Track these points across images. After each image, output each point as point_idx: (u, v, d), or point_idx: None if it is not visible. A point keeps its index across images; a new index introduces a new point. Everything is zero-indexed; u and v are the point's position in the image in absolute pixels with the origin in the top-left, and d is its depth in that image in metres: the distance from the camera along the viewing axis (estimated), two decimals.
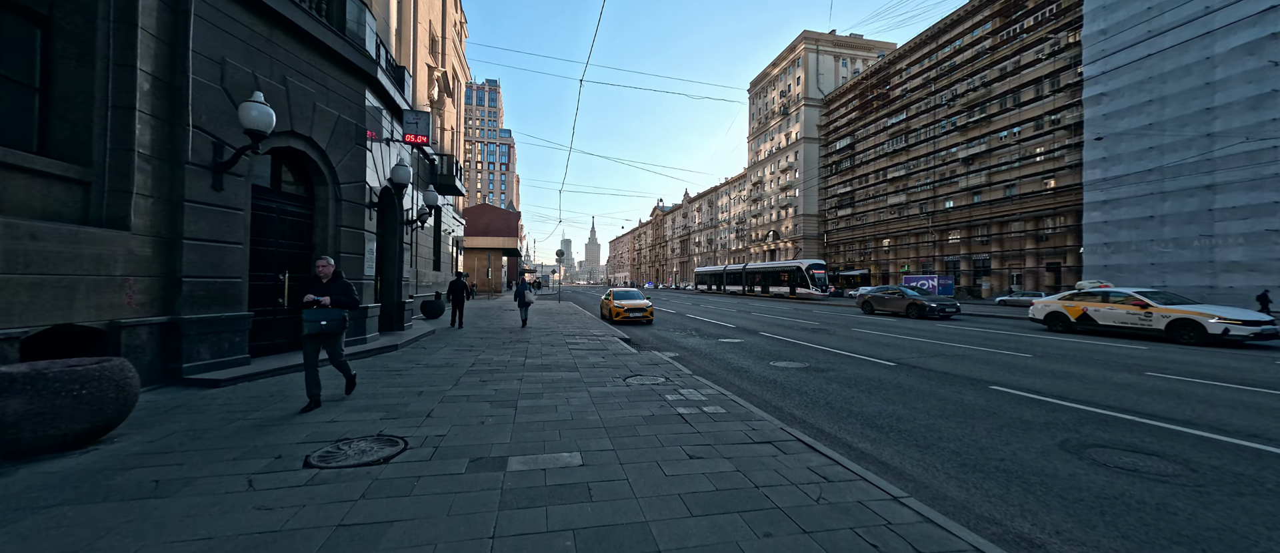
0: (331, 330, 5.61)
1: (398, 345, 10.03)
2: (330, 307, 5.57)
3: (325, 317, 5.52)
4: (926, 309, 19.57)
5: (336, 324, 5.64)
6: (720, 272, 68.93)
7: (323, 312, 5.52)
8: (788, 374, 8.75)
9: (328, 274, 5.73)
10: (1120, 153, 38.64)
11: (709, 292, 69.61)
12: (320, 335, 5.59)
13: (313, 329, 5.50)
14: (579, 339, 12.40)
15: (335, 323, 5.62)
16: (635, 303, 17.81)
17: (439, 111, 24.09)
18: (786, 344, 12.66)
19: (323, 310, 5.52)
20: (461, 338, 12.30)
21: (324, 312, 5.53)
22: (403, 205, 12.55)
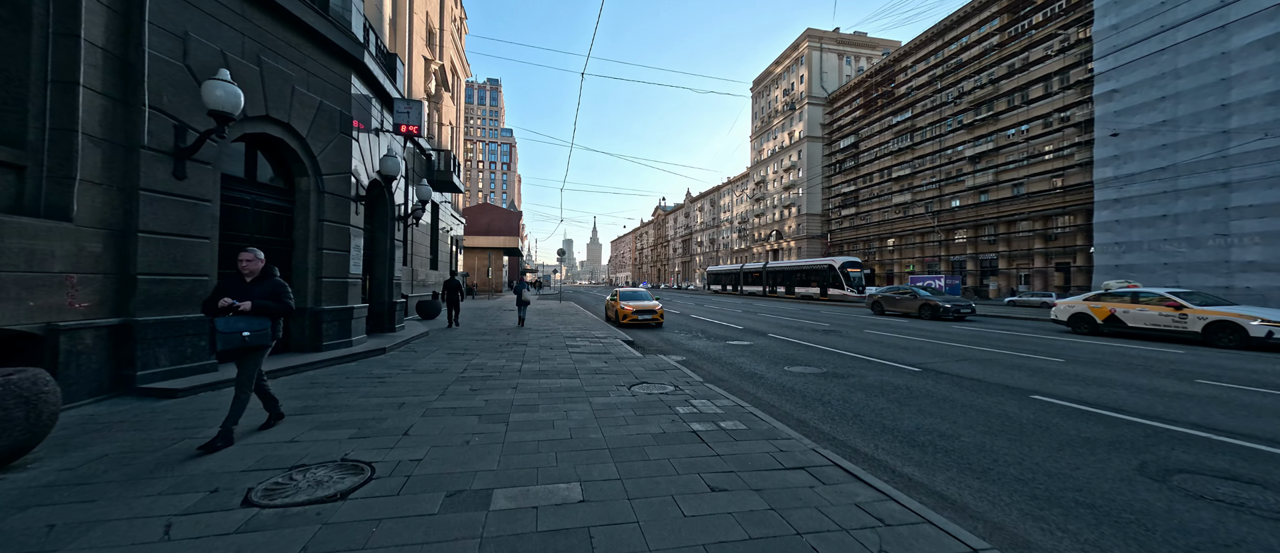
0: (255, 345, 4.31)
1: (386, 349, 9.36)
2: (253, 313, 4.28)
3: (247, 326, 4.23)
4: (940, 310, 18.85)
5: (261, 337, 4.32)
6: (736, 271, 63.00)
7: (242, 321, 4.22)
8: (806, 381, 8.06)
9: (253, 270, 4.49)
10: (1132, 150, 37.88)
11: (722, 292, 64.06)
12: (240, 353, 4.31)
13: (229, 344, 4.20)
14: (579, 341, 11.72)
15: (259, 336, 4.31)
16: (644, 304, 16.44)
17: (437, 106, 23.44)
18: (798, 347, 11.96)
19: (242, 319, 4.22)
20: (455, 340, 11.62)
21: (244, 321, 4.22)
22: (394, 200, 11.88)
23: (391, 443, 4.28)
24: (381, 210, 11.58)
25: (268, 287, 4.49)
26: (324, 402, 5.65)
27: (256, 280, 4.51)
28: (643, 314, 16.04)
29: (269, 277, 4.58)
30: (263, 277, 4.55)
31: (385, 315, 11.58)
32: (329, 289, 8.61)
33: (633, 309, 16.06)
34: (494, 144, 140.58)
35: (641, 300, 16.99)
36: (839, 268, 42.45)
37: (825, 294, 43.38)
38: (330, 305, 8.60)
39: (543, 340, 11.87)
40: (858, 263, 44.13)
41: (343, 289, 8.91)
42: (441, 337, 12.32)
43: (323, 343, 8.39)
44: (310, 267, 8.39)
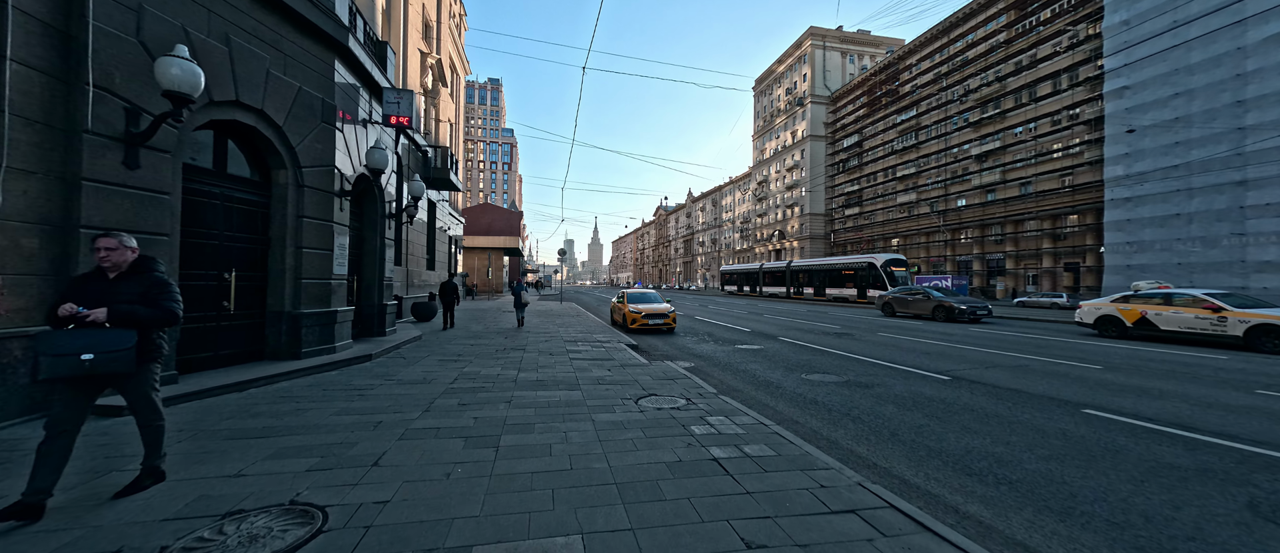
0: (117, 371, 3.07)
1: (373, 356, 8.67)
2: (110, 324, 3.08)
3: (93, 345, 2.95)
4: (955, 312, 18.13)
5: (116, 361, 3.04)
6: (753, 271, 57.25)
7: (86, 336, 2.96)
8: (828, 391, 7.36)
9: (119, 263, 3.30)
10: (1144, 148, 37.15)
11: (737, 294, 58.64)
12: (87, 381, 3.06)
13: (59, 371, 2.88)
14: (581, 346, 11.03)
15: (112, 360, 3.02)
16: (654, 308, 14.97)
17: (434, 102, 22.78)
18: (812, 352, 11.26)
19: (87, 334, 2.97)
20: (449, 345, 10.94)
21: (88, 336, 2.96)
22: (385, 196, 11.20)
23: (356, 478, 3.58)
24: (370, 207, 10.90)
25: (141, 284, 3.30)
26: (289, 420, 4.96)
27: (124, 276, 3.32)
28: (654, 319, 14.59)
29: (145, 271, 3.39)
30: (135, 271, 3.37)
31: (375, 319, 10.90)
32: (309, 291, 7.92)
33: (642, 314, 14.61)
34: (495, 144, 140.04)
35: (651, 303, 15.54)
36: (882, 266, 35.88)
37: (863, 296, 37.64)
38: (310, 309, 7.91)
39: (542, 344, 11.17)
40: (903, 261, 37.31)
41: (325, 291, 8.23)
42: (435, 341, 11.63)
43: (302, 350, 7.71)
44: (288, 267, 7.71)
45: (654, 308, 15.07)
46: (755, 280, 56.29)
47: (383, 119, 10.23)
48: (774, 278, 52.08)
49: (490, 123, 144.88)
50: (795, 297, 46.41)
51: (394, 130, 12.39)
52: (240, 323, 7.25)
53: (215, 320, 6.89)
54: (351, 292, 10.29)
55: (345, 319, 8.83)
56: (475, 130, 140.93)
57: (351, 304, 10.07)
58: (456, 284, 17.99)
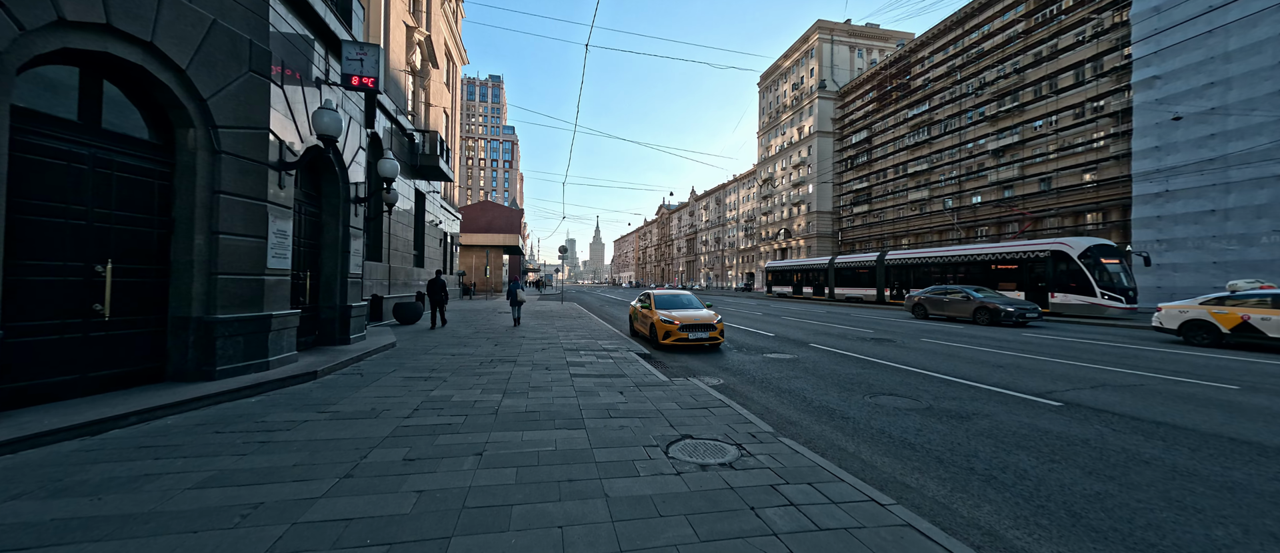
0: None
1: (319, 372, 6.79)
2: None
3: None
4: (1001, 314, 16.20)
5: None
6: (819, 268, 41.27)
7: None
8: (916, 425, 5.46)
9: None
10: (1176, 141, 35.25)
11: (795, 296, 44.95)
12: None
13: None
14: (584, 356, 9.16)
15: None
16: (695, 315, 11.10)
17: (423, 84, 20.92)
18: (856, 363, 9.39)
19: None
20: (426, 354, 9.05)
21: None
22: (349, 177, 9.32)
23: None
24: (330, 188, 9.01)
25: None
26: (109, 502, 3.06)
27: None
28: (696, 332, 10.57)
29: None
30: None
31: (336, 323, 9.01)
32: (228, 291, 6.04)
33: (680, 324, 10.64)
34: (496, 142, 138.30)
35: (689, 309, 11.65)
36: (1082, 255, 21.09)
37: (1046, 305, 22.09)
38: (230, 314, 6.03)
39: (537, 354, 9.30)
40: (1113, 248, 22.21)
41: (253, 290, 6.34)
42: (410, 349, 9.75)
43: (216, 368, 5.82)
44: (197, 259, 5.81)
45: (695, 316, 11.07)
46: (821, 280, 40.46)
47: (342, 80, 8.34)
48: (857, 276, 36.26)
49: (491, 120, 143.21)
50: (892, 302, 32.88)
51: (364, 100, 10.50)
52: (124, 333, 5.36)
53: (80, 330, 4.99)
54: (303, 291, 8.40)
55: (285, 326, 6.94)
56: (476, 128, 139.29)
57: (299, 307, 8.18)
58: (445, 281, 16.24)
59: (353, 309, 9.27)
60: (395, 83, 16.40)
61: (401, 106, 16.68)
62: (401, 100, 17.03)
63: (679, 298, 12.73)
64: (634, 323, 13.40)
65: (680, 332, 10.59)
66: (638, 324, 12.93)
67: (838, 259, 38.00)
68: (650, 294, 12.94)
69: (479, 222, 52.86)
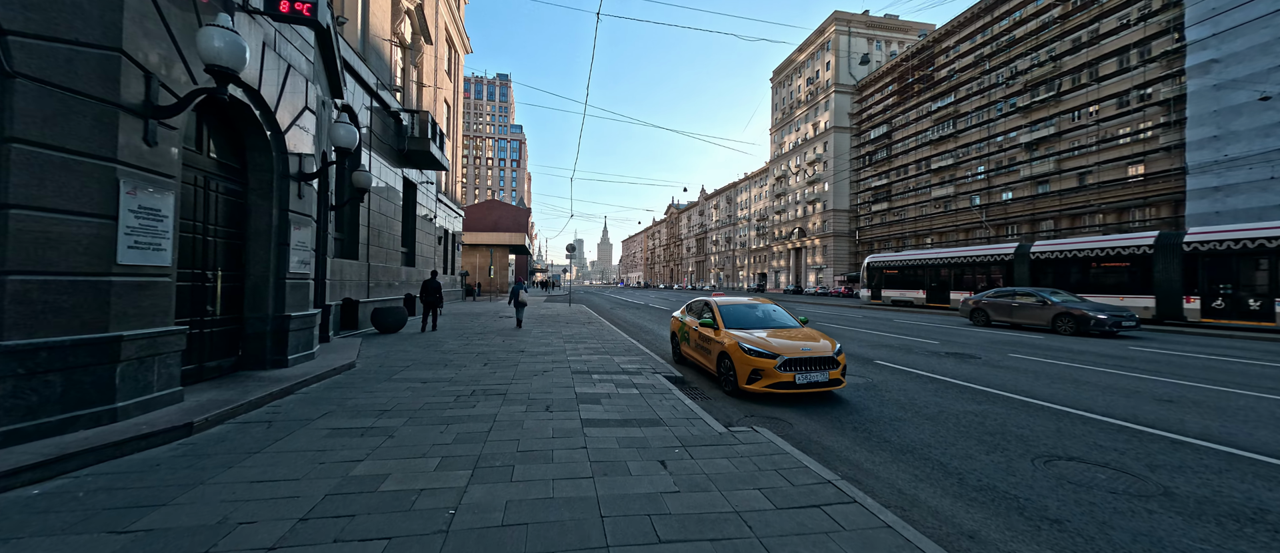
0: None
1: (208, 420, 4.52)
2: None
3: None
4: (1090, 322, 13.65)
5: None
6: (982, 259, 26.35)
7: None
8: (1172, 528, 3.10)
9: None
10: (1237, 130, 32.37)
11: (919, 305, 29.11)
12: None
13: None
14: (598, 382, 6.86)
15: None
16: (801, 343, 6.67)
17: (415, 60, 18.71)
18: (965, 394, 7.04)
19: None
20: (385, 384, 6.76)
21: None
22: (293, 147, 7.05)
23: None
24: (259, 160, 6.74)
25: None
26: None
27: None
28: (809, 374, 6.30)
29: None
30: None
31: (266, 340, 6.74)
32: (28, 301, 3.77)
33: (780, 361, 6.29)
34: (503, 141, 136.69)
35: (784, 328, 7.56)
36: None
37: None
38: (32, 338, 3.76)
39: (537, 378, 7.00)
40: None
41: (88, 298, 4.08)
42: (373, 372, 7.48)
43: None
44: None
45: (799, 344, 6.65)
46: (1000, 274, 24.39)
47: (264, 4, 6.04)
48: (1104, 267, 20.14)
49: (499, 119, 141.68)
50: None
51: (316, 48, 8.23)
52: None
53: None
54: (212, 297, 6.12)
55: (156, 351, 4.65)
56: (484, 127, 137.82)
57: (205, 319, 5.91)
58: (440, 283, 14.31)
59: (293, 321, 6.98)
60: (377, 53, 14.17)
61: (385, 81, 14.45)
62: (386, 75, 14.81)
63: (758, 310, 8.23)
64: (680, 345, 9.27)
65: (781, 372, 6.19)
66: (690, 350, 8.69)
67: (1041, 246, 23.45)
68: (711, 303, 8.38)
69: (485, 221, 50.91)
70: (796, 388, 6.28)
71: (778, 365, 6.29)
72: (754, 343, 6.73)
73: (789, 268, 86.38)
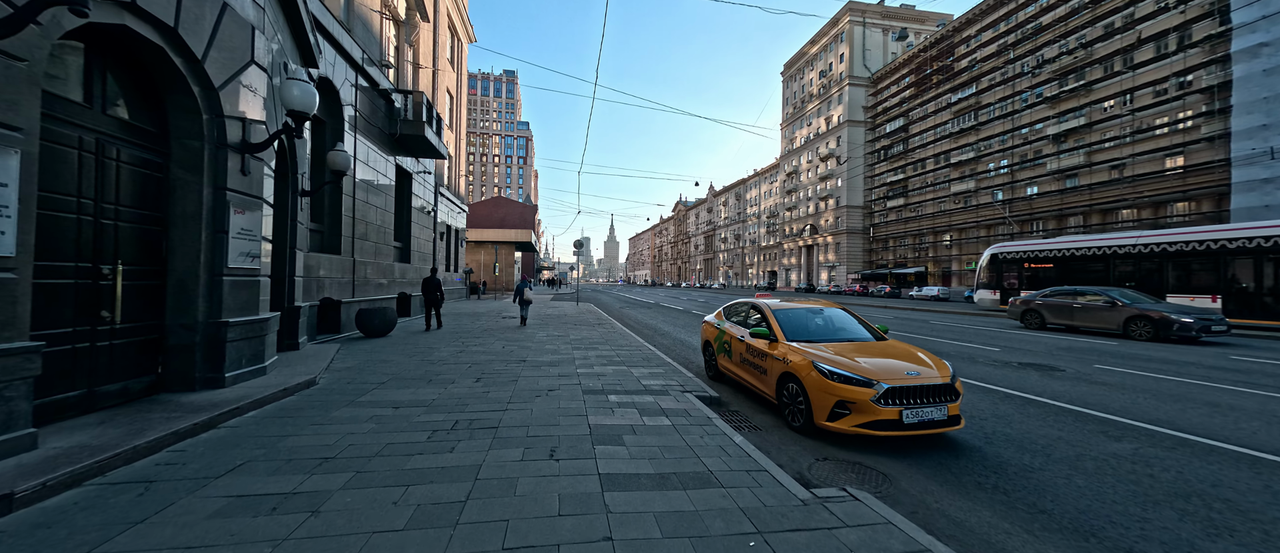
0: None
1: (50, 488, 3.08)
2: None
3: None
4: (1171, 326, 11.95)
5: None
6: None
7: None
8: None
9: None
10: None
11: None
12: None
13: None
14: (618, 410, 5.37)
15: None
16: (908, 370, 4.78)
17: (409, 38, 17.25)
18: (1076, 420, 5.54)
19: None
20: (343, 413, 5.29)
21: None
22: (232, 108, 5.58)
23: None
24: (184, 123, 5.27)
25: None
26: None
27: None
28: (922, 410, 4.52)
29: None
30: None
31: (195, 353, 5.28)
32: None
33: (882, 391, 4.52)
34: (510, 138, 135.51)
35: (851, 339, 5.94)
36: None
37: None
38: None
39: (539, 403, 5.52)
40: None
41: None
42: (337, 391, 6.02)
43: None
44: None
45: (910, 367, 4.87)
46: None
47: None
48: None
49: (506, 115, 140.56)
50: None
51: None
52: None
53: None
54: (109, 299, 4.66)
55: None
56: (491, 124, 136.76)
57: (93, 326, 4.45)
58: (441, 280, 13.34)
59: (233, 329, 5.50)
60: (365, 23, 12.71)
61: (373, 56, 12.99)
62: (375, 50, 13.35)
63: (820, 316, 6.47)
64: (717, 359, 7.53)
65: (880, 407, 4.50)
66: (731, 365, 6.93)
67: None
68: (761, 308, 6.62)
69: (491, 218, 49.71)
70: (904, 430, 4.52)
71: (876, 397, 4.55)
72: (836, 364, 4.93)
73: (800, 266, 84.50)
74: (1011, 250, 22.79)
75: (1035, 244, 21.89)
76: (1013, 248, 22.83)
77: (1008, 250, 23.00)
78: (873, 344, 5.69)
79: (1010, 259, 22.61)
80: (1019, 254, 22.26)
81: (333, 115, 11.06)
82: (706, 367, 8.21)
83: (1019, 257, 22.20)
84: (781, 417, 5.64)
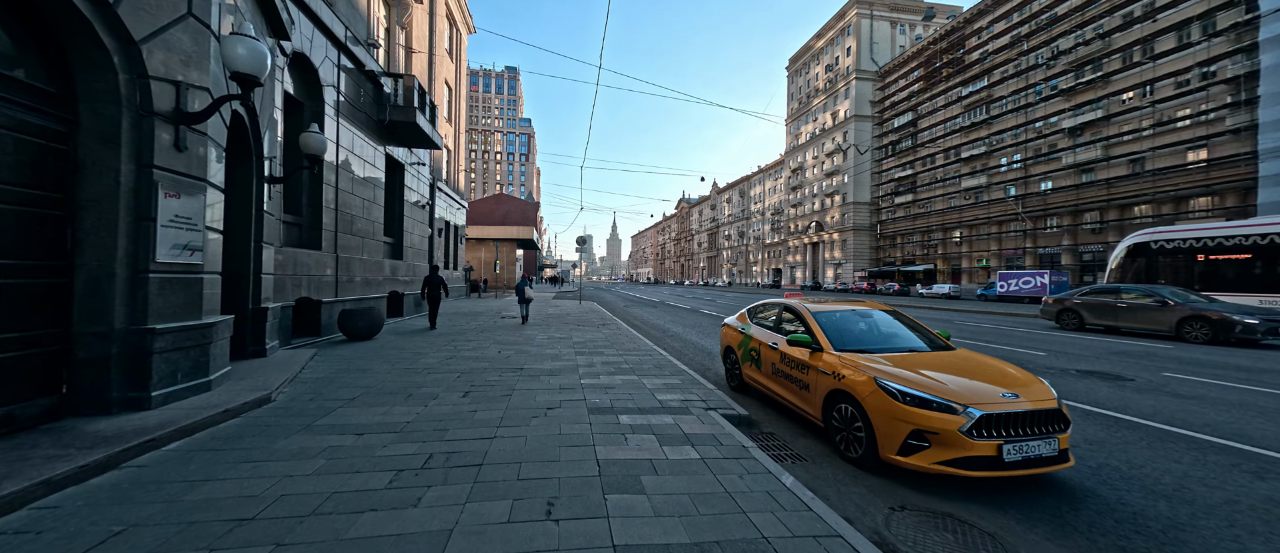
0: None
1: None
2: None
3: None
4: (1232, 327, 10.87)
5: None
6: None
7: None
8: None
9: None
10: None
11: None
12: None
13: None
14: (634, 434, 4.39)
15: None
16: (1001, 392, 3.69)
17: (401, 20, 16.23)
18: (1188, 446, 4.57)
19: None
20: (290, 446, 4.31)
21: None
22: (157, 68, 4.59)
23: None
24: (95, 84, 4.27)
25: None
26: None
27: None
28: (1026, 443, 3.45)
29: None
30: None
31: (111, 365, 4.29)
32: None
33: (974, 420, 3.46)
34: (512, 134, 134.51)
35: (906, 348, 4.82)
36: None
37: None
38: None
39: (536, 426, 4.56)
40: None
41: None
42: (285, 413, 5.04)
43: None
44: None
45: (1003, 390, 3.74)
46: None
47: None
48: None
49: (508, 112, 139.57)
50: None
51: None
52: None
53: None
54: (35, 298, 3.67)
55: None
56: (493, 121, 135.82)
57: None
58: (443, 278, 12.60)
59: (160, 337, 4.51)
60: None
61: (360, 35, 11.99)
62: (362, 28, 12.35)
63: (865, 320, 5.40)
64: (742, 368, 6.43)
65: (976, 440, 3.44)
66: (760, 375, 5.89)
67: None
68: (798, 309, 5.56)
69: (493, 214, 48.90)
70: (1006, 470, 3.41)
71: (965, 427, 3.45)
72: (908, 382, 3.83)
73: (805, 263, 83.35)
74: (1169, 238, 16.63)
75: (1211, 229, 15.95)
76: (1171, 235, 16.69)
77: (1163, 238, 16.84)
78: (941, 355, 4.64)
79: (1167, 249, 16.60)
80: (1186, 242, 16.11)
81: (311, 96, 10.06)
82: (727, 377, 7.16)
83: (1186, 246, 16.11)
84: (829, 442, 4.63)
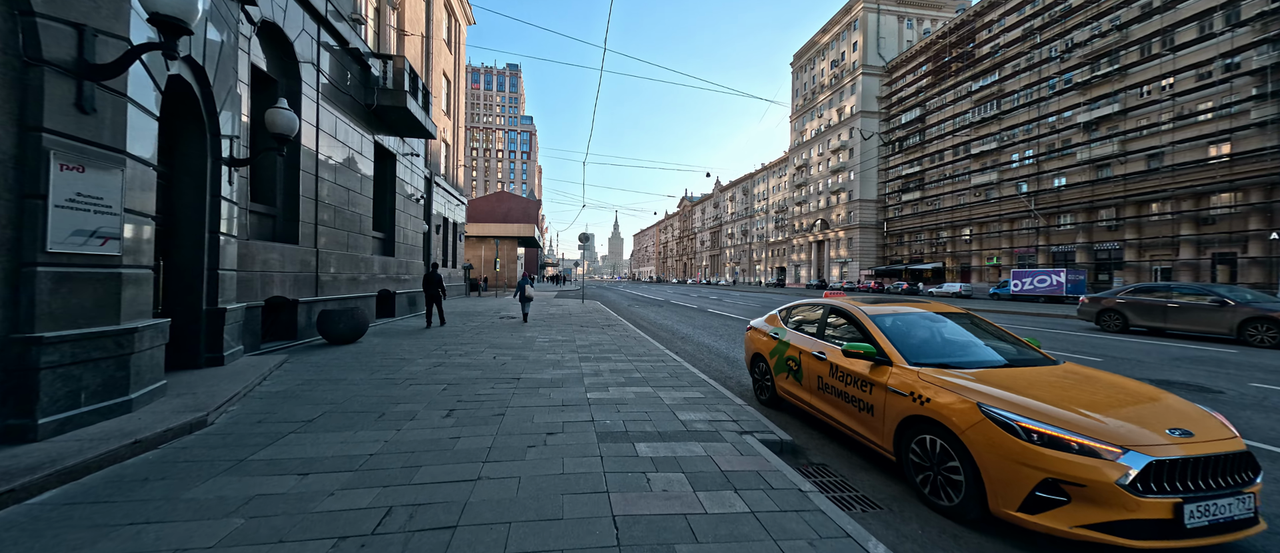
0: None
1: None
2: None
3: None
4: None
5: None
6: None
7: None
8: None
9: None
10: None
11: None
12: None
13: None
14: (655, 466, 3.43)
15: None
16: (1170, 429, 2.65)
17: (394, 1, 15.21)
18: None
19: None
20: (197, 503, 3.33)
21: None
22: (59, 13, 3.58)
23: None
24: None
25: None
26: None
27: None
28: (1211, 503, 2.45)
29: None
30: None
31: None
32: None
33: (1118, 467, 2.47)
34: (513, 132, 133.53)
35: (986, 362, 3.74)
36: None
37: None
38: None
39: (532, 460, 3.61)
40: None
41: None
42: (216, 445, 4.09)
43: None
44: None
45: (1173, 426, 2.70)
46: None
47: None
48: None
49: (509, 110, 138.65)
50: None
51: None
52: None
53: None
54: None
55: None
56: (494, 118, 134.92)
57: None
58: (442, 276, 11.78)
59: (49, 347, 3.51)
60: None
61: (342, 9, 10.98)
62: (345, 2, 11.33)
63: (936, 327, 4.34)
64: (777, 380, 5.40)
65: (1142, 498, 2.44)
66: (799, 388, 4.94)
67: None
68: (851, 312, 4.56)
69: (494, 212, 48.12)
70: (1186, 538, 2.43)
71: (1126, 480, 2.46)
72: (1028, 411, 2.83)
73: (810, 261, 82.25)
74: None
75: None
76: None
77: None
78: (1050, 371, 3.60)
79: None
80: None
81: (287, 75, 9.07)
82: (756, 389, 6.11)
83: None
84: (903, 479, 3.61)
